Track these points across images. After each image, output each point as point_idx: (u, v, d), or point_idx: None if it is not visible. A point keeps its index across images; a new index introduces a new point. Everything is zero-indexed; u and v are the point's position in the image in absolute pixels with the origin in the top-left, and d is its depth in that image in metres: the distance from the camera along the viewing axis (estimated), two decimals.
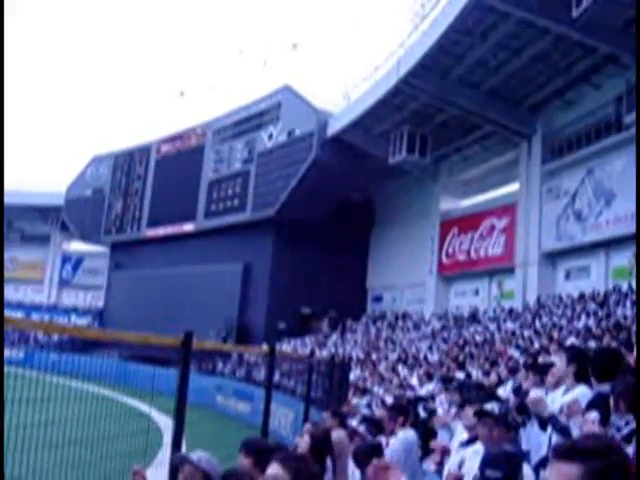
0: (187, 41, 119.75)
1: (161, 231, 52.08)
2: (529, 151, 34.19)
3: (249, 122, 46.63)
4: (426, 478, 6.39)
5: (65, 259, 67.59)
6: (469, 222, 38.75)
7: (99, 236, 58.32)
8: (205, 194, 49.11)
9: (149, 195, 54.32)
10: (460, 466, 5.55)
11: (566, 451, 1.97)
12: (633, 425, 4.17)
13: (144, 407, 8.31)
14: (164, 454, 6.26)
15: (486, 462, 4.38)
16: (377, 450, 5.09)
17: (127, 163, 57.22)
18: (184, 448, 6.24)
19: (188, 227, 49.83)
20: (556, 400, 6.37)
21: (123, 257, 56.41)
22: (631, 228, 27.60)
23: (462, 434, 6.66)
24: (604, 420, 4.63)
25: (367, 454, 5.00)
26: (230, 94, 64.86)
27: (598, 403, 4.90)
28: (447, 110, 34.85)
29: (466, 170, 39.93)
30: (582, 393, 5.52)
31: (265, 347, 13.75)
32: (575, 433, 5.05)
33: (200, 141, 51.22)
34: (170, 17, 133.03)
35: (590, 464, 1.91)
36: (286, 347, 35.27)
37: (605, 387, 5.03)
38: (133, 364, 25.28)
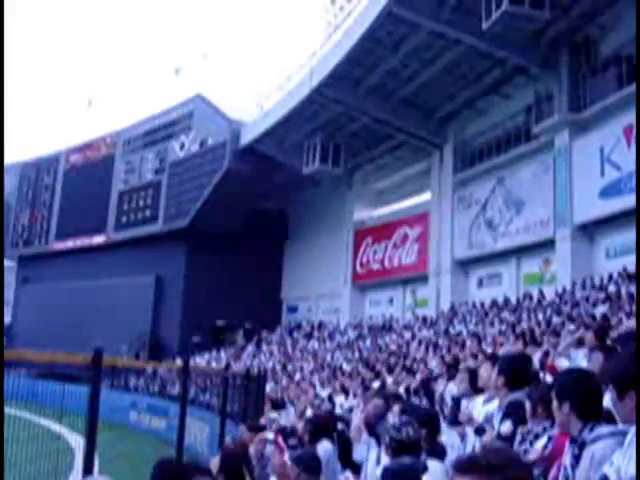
0: (96, 48, 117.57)
1: (70, 243, 50.85)
2: (441, 160, 34.67)
3: (160, 132, 46.06)
4: None
5: None
6: (383, 231, 39.04)
7: (5, 249, 56.55)
8: (115, 205, 48.23)
9: (57, 206, 53.01)
10: None
11: (467, 465, 1.96)
12: (552, 432, 4.17)
13: (54, 427, 7.97)
14: (76, 476, 6.00)
15: (385, 477, 4.29)
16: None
17: (34, 173, 55.72)
18: (96, 468, 5.99)
19: (98, 239, 48.80)
20: (475, 408, 6.37)
21: (31, 271, 54.81)
22: (540, 235, 28.31)
23: (375, 448, 6.58)
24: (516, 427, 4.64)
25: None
26: (141, 103, 63.86)
27: (513, 412, 4.88)
28: (360, 120, 35.05)
29: (379, 179, 40.28)
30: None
31: (179, 362, 13.48)
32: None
33: (110, 151, 50.30)
34: (78, 23, 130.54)
35: (492, 478, 1.90)
36: (200, 361, 34.79)
37: (517, 394, 5.00)
38: (42, 382, 24.48)
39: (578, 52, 27.05)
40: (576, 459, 3.34)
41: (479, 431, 5.78)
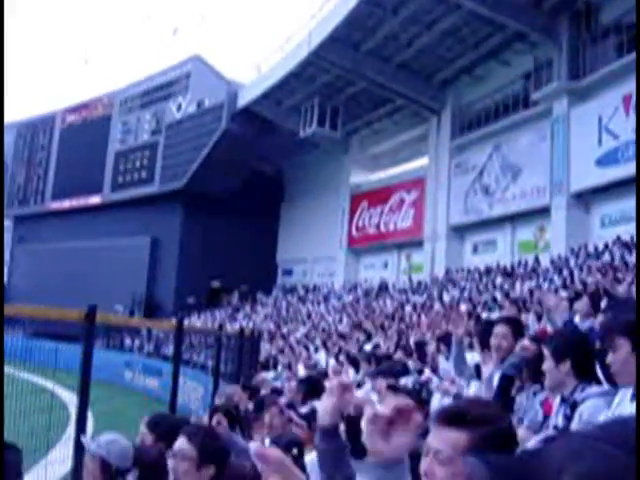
0: (93, 6, 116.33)
1: (66, 203, 50.73)
2: (438, 126, 34.56)
3: (157, 92, 45.76)
4: None
5: None
6: (379, 196, 39.00)
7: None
8: (112, 166, 48.07)
9: (53, 166, 52.78)
10: None
11: (453, 417, 1.87)
12: (545, 393, 4.18)
13: (48, 384, 8.03)
14: (72, 430, 6.07)
15: None
16: None
17: (30, 133, 55.44)
18: (90, 424, 6.04)
19: (94, 199, 48.71)
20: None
21: (27, 230, 54.70)
22: (536, 203, 28.33)
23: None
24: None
25: None
26: (138, 63, 63.52)
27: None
28: (358, 83, 34.86)
29: (377, 144, 40.11)
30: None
31: (174, 322, 13.55)
32: None
33: (107, 111, 50.01)
34: None
35: (478, 431, 1.82)
36: (196, 321, 34.94)
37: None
38: (36, 341, 24.60)
39: (578, 19, 26.91)
40: (568, 419, 3.38)
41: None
